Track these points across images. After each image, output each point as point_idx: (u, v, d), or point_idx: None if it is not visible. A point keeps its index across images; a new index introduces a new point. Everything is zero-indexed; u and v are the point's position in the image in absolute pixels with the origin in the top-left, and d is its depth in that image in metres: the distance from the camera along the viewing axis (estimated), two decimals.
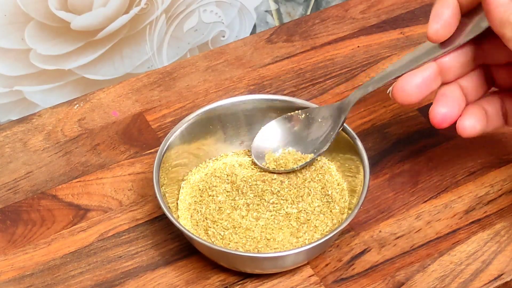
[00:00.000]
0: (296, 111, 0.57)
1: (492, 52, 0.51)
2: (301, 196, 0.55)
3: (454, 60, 0.51)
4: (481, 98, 0.52)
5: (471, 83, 0.52)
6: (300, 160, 0.56)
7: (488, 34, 0.50)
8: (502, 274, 0.52)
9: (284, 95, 0.64)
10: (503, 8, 0.46)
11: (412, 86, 0.50)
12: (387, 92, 0.51)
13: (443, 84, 0.51)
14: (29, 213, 0.57)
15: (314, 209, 0.54)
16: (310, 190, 0.55)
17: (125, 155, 0.61)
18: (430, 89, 0.51)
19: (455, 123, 0.51)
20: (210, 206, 0.54)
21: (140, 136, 0.62)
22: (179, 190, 0.56)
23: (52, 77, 0.69)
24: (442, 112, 0.50)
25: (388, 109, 0.63)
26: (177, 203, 0.55)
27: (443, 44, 0.50)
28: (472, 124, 0.50)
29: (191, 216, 0.54)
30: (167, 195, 0.53)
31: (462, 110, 0.51)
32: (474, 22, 0.50)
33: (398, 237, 0.55)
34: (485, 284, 0.52)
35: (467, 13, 0.50)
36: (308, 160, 0.55)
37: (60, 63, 0.68)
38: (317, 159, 0.57)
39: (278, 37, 0.71)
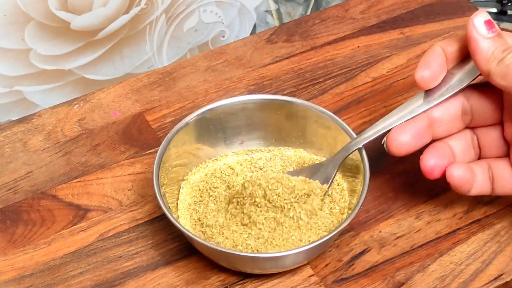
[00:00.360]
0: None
1: (478, 109, 0.52)
2: (301, 196, 0.55)
3: (443, 113, 0.52)
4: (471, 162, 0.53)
5: (459, 144, 0.53)
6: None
7: (474, 92, 0.52)
8: (502, 274, 0.52)
9: (284, 95, 0.64)
10: (487, 45, 0.49)
11: (405, 137, 0.51)
12: (382, 143, 0.52)
13: (433, 141, 0.53)
14: (29, 213, 0.57)
15: (314, 209, 0.54)
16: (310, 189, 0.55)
17: (125, 155, 0.61)
18: (422, 140, 0.52)
19: None
20: (209, 206, 0.54)
21: (140, 136, 0.62)
22: (179, 190, 0.56)
23: (52, 77, 0.69)
24: (431, 163, 0.51)
25: (388, 109, 0.63)
26: (177, 203, 0.55)
27: (431, 93, 0.52)
28: (462, 173, 0.51)
29: (191, 216, 0.54)
30: (167, 195, 0.53)
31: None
32: (460, 75, 0.51)
33: (398, 237, 0.55)
34: (485, 284, 0.52)
35: (453, 67, 0.52)
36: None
37: (60, 63, 0.68)
38: (318, 159, 0.57)
39: (278, 37, 0.71)
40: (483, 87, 0.52)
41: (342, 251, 0.54)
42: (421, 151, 0.52)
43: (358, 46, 0.69)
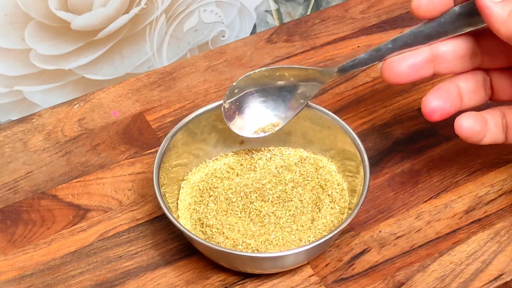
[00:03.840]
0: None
1: (490, 52, 0.51)
2: (301, 196, 0.55)
3: (449, 50, 0.51)
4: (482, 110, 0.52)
5: (468, 85, 0.51)
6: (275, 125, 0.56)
7: (486, 33, 0.50)
8: (502, 274, 0.52)
9: None
10: (500, 8, 0.47)
11: (401, 67, 0.50)
12: (378, 67, 0.51)
13: (437, 75, 0.51)
14: (29, 213, 0.57)
15: (314, 209, 0.54)
16: (311, 190, 0.55)
17: (125, 155, 0.61)
18: (419, 74, 0.50)
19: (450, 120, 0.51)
20: (209, 206, 0.54)
21: (140, 136, 0.62)
22: (179, 190, 0.56)
23: (52, 77, 0.69)
24: (433, 104, 0.50)
25: (388, 109, 0.63)
26: (177, 203, 0.55)
27: (430, 26, 0.50)
28: (471, 124, 0.50)
29: (191, 216, 0.54)
30: (167, 195, 0.53)
31: (457, 108, 0.51)
32: (469, 15, 0.49)
33: (398, 237, 0.55)
34: (485, 284, 0.52)
35: (462, 4, 0.50)
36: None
37: (60, 63, 0.68)
38: (318, 159, 0.57)
39: (278, 37, 0.71)
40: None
41: (342, 251, 0.54)
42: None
43: (358, 46, 0.69)
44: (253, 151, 0.58)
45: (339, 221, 0.53)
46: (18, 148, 0.62)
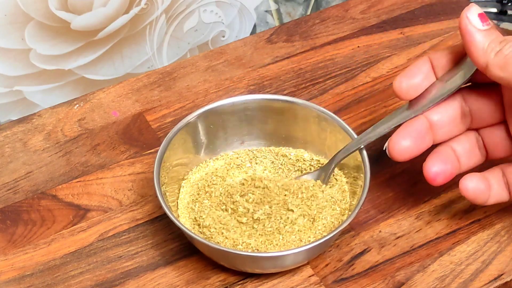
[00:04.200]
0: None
1: (476, 108, 0.52)
2: (301, 196, 0.55)
3: (442, 115, 0.51)
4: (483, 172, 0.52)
5: (463, 146, 0.52)
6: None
7: (470, 92, 0.52)
8: (502, 274, 0.52)
9: (284, 95, 0.64)
10: (482, 37, 0.48)
11: (407, 141, 0.50)
12: (384, 149, 0.52)
13: (435, 143, 0.52)
14: (29, 213, 0.57)
15: (314, 210, 0.54)
16: (311, 190, 0.55)
17: (125, 155, 0.61)
18: (424, 143, 0.51)
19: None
20: (204, 203, 0.54)
21: (140, 136, 0.62)
22: (180, 189, 0.56)
23: (52, 77, 0.69)
24: (434, 169, 0.51)
25: (388, 109, 0.63)
26: (177, 203, 0.55)
27: (416, 102, 0.52)
28: (475, 184, 0.50)
29: (189, 216, 0.54)
30: (167, 194, 0.53)
31: (457, 170, 0.52)
32: (450, 81, 0.51)
33: (398, 237, 0.55)
34: (485, 284, 0.52)
35: (443, 74, 0.52)
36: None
37: (60, 63, 0.68)
38: (318, 160, 0.57)
39: (278, 37, 0.71)
40: (480, 87, 0.52)
41: (342, 251, 0.54)
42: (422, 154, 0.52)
43: (358, 46, 0.69)
44: (254, 151, 0.58)
45: (339, 222, 0.53)
46: (18, 148, 0.62)
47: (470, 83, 0.52)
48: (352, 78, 0.66)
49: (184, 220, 0.54)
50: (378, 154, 0.60)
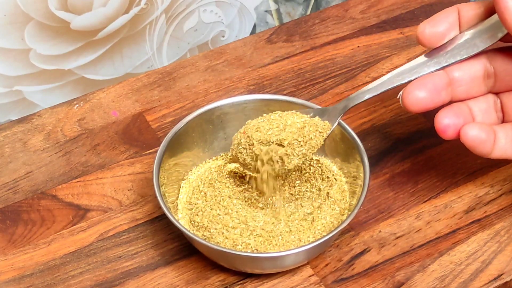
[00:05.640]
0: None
1: (502, 72, 0.51)
2: (301, 196, 0.55)
3: (464, 73, 0.50)
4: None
5: (480, 106, 0.51)
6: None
7: (497, 55, 0.50)
8: (502, 274, 0.52)
9: (284, 95, 0.64)
10: None
11: (422, 92, 0.49)
12: (397, 97, 0.51)
13: (454, 100, 0.51)
14: (29, 213, 0.57)
15: (314, 210, 0.54)
16: (311, 190, 0.55)
17: (125, 155, 0.61)
18: (440, 98, 0.50)
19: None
20: (207, 205, 0.54)
21: (140, 136, 0.62)
22: (179, 189, 0.56)
23: (52, 77, 0.69)
24: (446, 121, 0.50)
25: (388, 109, 0.63)
26: (177, 203, 0.55)
27: (437, 52, 0.50)
28: (476, 133, 0.49)
29: (189, 215, 0.54)
30: (167, 194, 0.53)
31: None
32: (475, 37, 0.50)
33: (398, 237, 0.55)
34: (485, 284, 0.52)
35: (469, 28, 0.50)
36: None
37: (60, 63, 0.68)
38: (318, 160, 0.57)
39: (278, 37, 0.71)
40: (507, 50, 0.50)
41: (342, 251, 0.54)
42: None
43: (358, 46, 0.69)
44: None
45: (338, 222, 0.53)
46: (18, 148, 0.62)
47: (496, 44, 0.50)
48: (352, 78, 0.66)
49: (183, 221, 0.54)
50: (378, 154, 0.60)
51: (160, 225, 0.56)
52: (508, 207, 0.56)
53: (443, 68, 0.50)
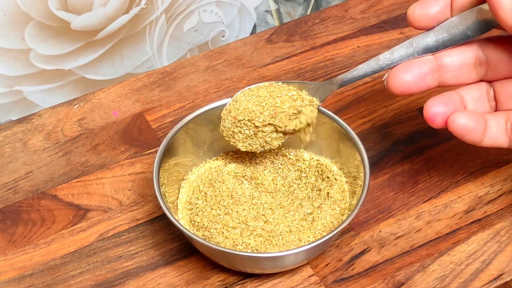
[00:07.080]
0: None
1: (494, 61, 0.50)
2: (301, 196, 0.55)
3: (454, 60, 0.50)
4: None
5: (472, 94, 0.51)
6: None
7: (490, 43, 0.50)
8: (502, 274, 0.52)
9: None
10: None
11: (407, 75, 0.49)
12: (383, 79, 0.51)
13: (442, 86, 0.51)
14: (29, 213, 0.57)
15: (314, 210, 0.54)
16: (311, 190, 0.55)
17: (125, 155, 0.61)
18: (426, 82, 0.50)
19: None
20: (207, 205, 0.54)
21: (140, 136, 0.62)
22: (179, 189, 0.56)
23: (52, 77, 0.69)
24: (434, 109, 0.50)
25: (388, 109, 0.63)
26: (177, 203, 0.55)
27: (427, 35, 0.50)
28: (464, 121, 0.49)
29: (189, 215, 0.54)
30: (167, 194, 0.53)
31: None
32: (466, 25, 0.50)
33: (398, 237, 0.55)
34: (485, 284, 0.52)
35: (460, 14, 0.50)
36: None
37: (60, 63, 0.68)
38: (318, 160, 0.57)
39: (278, 37, 0.71)
40: (500, 39, 0.50)
41: (342, 251, 0.54)
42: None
43: (358, 46, 0.69)
44: (254, 151, 0.58)
45: (338, 222, 0.53)
46: (18, 148, 0.62)
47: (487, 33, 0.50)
48: None
49: (184, 221, 0.54)
50: (378, 154, 0.60)
51: (160, 225, 0.56)
52: (508, 207, 0.56)
53: (436, 52, 0.50)
